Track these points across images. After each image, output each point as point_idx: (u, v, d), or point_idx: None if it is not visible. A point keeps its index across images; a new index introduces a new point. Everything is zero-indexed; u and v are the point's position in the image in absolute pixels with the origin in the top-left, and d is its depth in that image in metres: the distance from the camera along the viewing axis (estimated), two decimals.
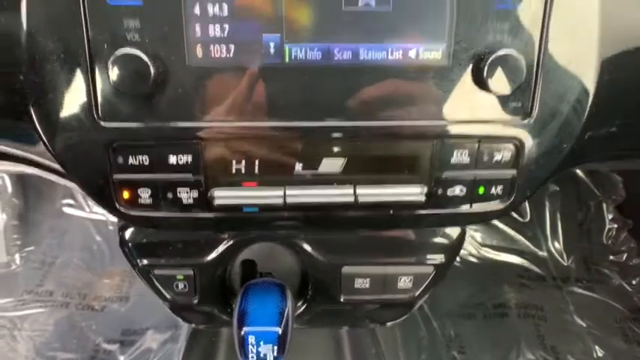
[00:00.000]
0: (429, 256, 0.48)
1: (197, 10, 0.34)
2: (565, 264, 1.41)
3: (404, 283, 0.49)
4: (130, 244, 0.46)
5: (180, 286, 0.48)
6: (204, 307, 0.49)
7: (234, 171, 0.38)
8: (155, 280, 0.48)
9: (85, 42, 0.34)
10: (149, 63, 0.33)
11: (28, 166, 0.44)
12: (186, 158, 0.37)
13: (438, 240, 0.48)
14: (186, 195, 0.38)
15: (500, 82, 0.35)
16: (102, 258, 1.31)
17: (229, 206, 0.38)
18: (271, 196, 0.38)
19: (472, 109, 0.37)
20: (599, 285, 1.34)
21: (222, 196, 0.37)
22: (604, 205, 1.44)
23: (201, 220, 0.39)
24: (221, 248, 0.47)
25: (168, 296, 0.48)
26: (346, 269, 0.48)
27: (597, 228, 1.44)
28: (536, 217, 1.41)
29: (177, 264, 0.47)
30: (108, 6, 0.33)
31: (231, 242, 0.47)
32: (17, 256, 1.30)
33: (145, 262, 0.46)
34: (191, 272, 0.47)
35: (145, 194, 0.38)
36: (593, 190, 1.38)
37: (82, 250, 1.34)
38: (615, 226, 1.43)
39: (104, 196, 0.38)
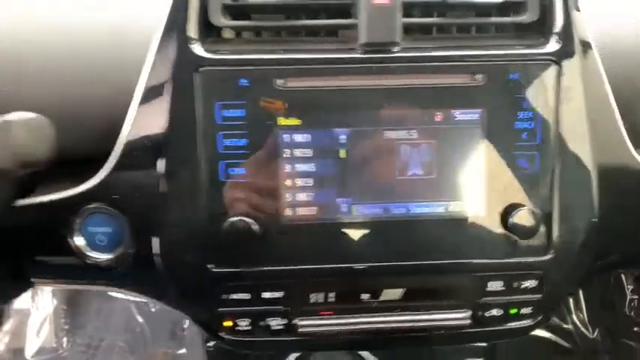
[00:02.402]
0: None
1: (289, 183, 0.45)
2: (591, 336, 1.44)
3: None
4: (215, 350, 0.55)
5: None
6: None
7: (314, 302, 0.47)
8: None
9: (205, 210, 0.45)
10: (252, 226, 0.44)
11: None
12: (277, 294, 0.47)
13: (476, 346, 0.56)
14: (276, 323, 0.47)
15: (523, 231, 0.45)
16: (144, 340, 1.38)
17: (310, 332, 0.47)
18: (344, 323, 0.47)
19: (502, 250, 0.47)
20: (625, 357, 1.36)
21: (305, 324, 0.47)
22: (623, 277, 1.49)
23: (286, 343, 0.47)
24: (292, 357, 0.55)
25: None
26: None
27: (619, 300, 1.48)
28: None
29: None
30: (220, 182, 0.45)
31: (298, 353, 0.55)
32: (65, 340, 1.38)
33: None
34: None
35: (242, 323, 0.47)
36: None
37: (125, 332, 1.41)
38: (636, 297, 1.46)
39: (209, 324, 0.47)
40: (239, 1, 0.43)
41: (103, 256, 0.48)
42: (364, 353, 0.58)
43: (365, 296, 0.48)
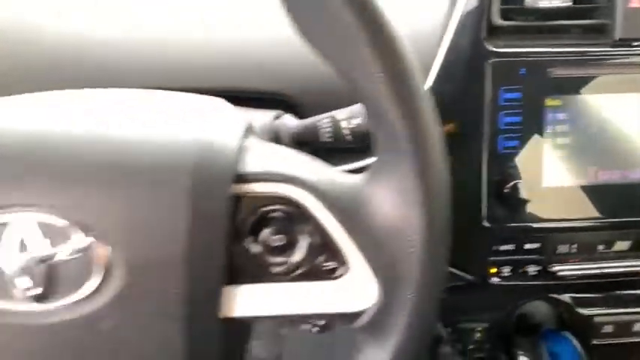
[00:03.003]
0: None
1: (551, 154, 0.55)
2: None
3: (638, 327, 0.67)
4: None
5: (477, 336, 0.66)
6: (492, 352, 0.67)
7: (560, 252, 0.58)
8: (459, 332, 0.65)
9: (484, 177, 0.54)
10: (522, 190, 0.54)
11: None
12: (535, 245, 0.57)
13: None
14: (532, 269, 0.57)
15: None
16: None
17: (560, 276, 0.57)
18: (588, 267, 0.58)
19: None
20: None
21: (560, 269, 0.57)
22: None
23: (539, 287, 0.58)
24: (509, 305, 0.65)
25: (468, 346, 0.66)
26: (597, 318, 0.66)
27: None
28: None
29: (479, 319, 0.65)
30: (499, 153, 0.55)
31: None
32: None
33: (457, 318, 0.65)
34: (487, 325, 0.65)
35: (505, 270, 0.57)
36: None
37: None
38: None
39: (478, 271, 0.57)
40: (518, 4, 0.54)
41: None
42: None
43: (600, 247, 0.58)
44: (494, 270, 0.57)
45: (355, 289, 0.33)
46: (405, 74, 0.29)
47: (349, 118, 0.46)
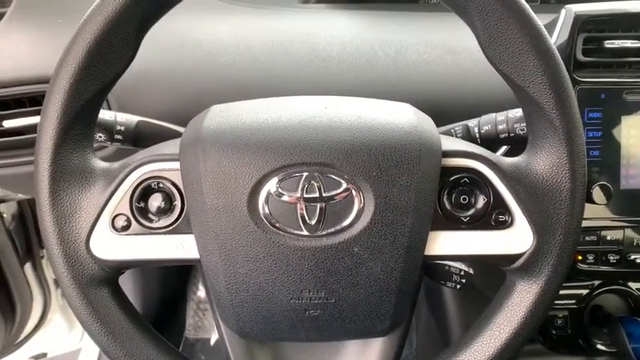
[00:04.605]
0: None
1: (625, 161, 0.68)
2: None
3: None
4: None
5: (559, 322, 0.76)
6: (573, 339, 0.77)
7: (636, 244, 0.69)
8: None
9: None
10: (606, 191, 0.66)
11: None
12: (616, 237, 0.68)
13: None
14: (612, 257, 0.69)
15: None
16: None
17: (636, 263, 0.68)
18: None
19: None
20: None
21: (633, 258, 0.68)
22: None
23: (615, 273, 0.69)
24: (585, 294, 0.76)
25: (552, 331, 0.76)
26: None
27: None
28: None
29: (561, 307, 0.75)
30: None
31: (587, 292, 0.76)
32: None
33: None
34: (567, 313, 0.76)
35: (590, 257, 0.69)
36: None
37: None
38: None
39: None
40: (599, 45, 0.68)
41: None
42: None
43: None
44: (579, 257, 0.69)
45: (517, 236, 0.46)
46: (559, 79, 0.43)
47: (479, 125, 0.59)
